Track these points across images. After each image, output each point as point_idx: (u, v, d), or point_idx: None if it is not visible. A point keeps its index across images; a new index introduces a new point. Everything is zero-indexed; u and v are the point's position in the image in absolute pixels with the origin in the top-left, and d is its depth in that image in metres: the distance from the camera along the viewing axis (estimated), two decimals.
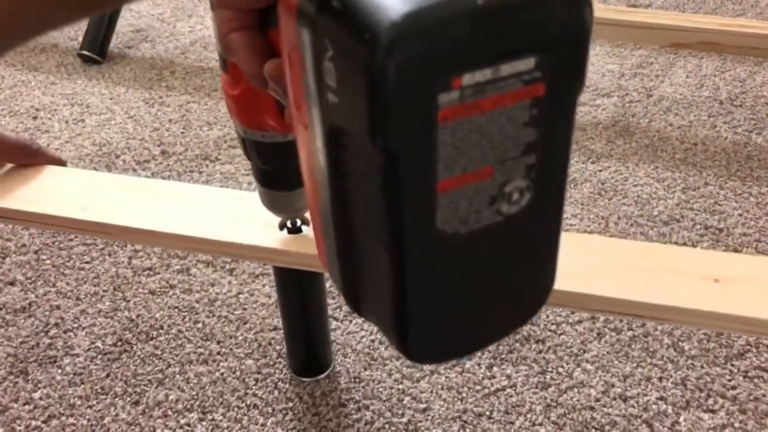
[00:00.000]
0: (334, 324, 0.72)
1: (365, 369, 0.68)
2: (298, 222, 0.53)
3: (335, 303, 0.74)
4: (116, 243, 0.81)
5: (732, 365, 0.67)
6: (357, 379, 0.67)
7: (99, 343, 0.70)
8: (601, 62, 1.15)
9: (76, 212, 0.54)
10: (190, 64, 1.16)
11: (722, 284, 0.46)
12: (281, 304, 0.63)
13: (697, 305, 0.45)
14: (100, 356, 0.69)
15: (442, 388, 0.66)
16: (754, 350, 0.69)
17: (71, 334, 0.71)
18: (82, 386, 0.66)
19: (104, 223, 0.53)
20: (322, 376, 0.67)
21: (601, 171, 0.92)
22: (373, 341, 0.70)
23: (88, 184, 0.57)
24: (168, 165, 0.94)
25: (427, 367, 0.68)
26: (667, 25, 1.01)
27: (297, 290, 0.61)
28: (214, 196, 0.56)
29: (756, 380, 0.66)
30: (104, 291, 0.76)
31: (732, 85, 1.09)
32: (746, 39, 0.98)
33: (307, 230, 0.53)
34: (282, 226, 0.53)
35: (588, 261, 0.49)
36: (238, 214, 0.54)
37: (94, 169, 0.95)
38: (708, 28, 1.00)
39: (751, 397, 0.64)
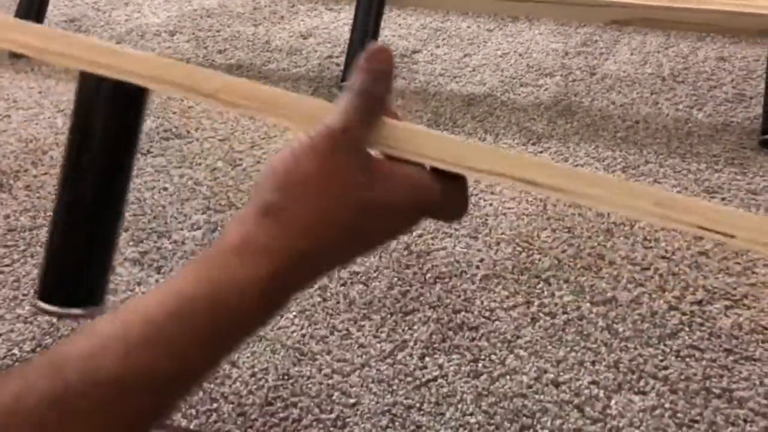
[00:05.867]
0: None
1: (294, 365, 0.66)
2: None
3: None
4: (39, 244, 0.78)
5: (665, 345, 0.67)
6: (285, 376, 0.65)
7: (16, 350, 0.67)
8: (546, 41, 1.14)
9: None
10: None
11: None
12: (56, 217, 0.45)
13: None
14: (16, 364, 0.66)
15: (373, 382, 0.64)
16: (687, 329, 0.68)
17: None
18: None
19: None
20: (88, 308, 0.45)
21: (541, 152, 0.91)
22: (303, 336, 0.69)
23: None
24: None
25: (358, 360, 0.66)
26: (608, 1, 1.00)
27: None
28: None
29: (688, 359, 0.65)
30: (24, 295, 0.73)
31: (675, 62, 1.08)
32: (687, 14, 0.98)
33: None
34: None
35: None
36: None
37: (19, 166, 0.91)
38: (649, 4, 0.99)
39: (682, 377, 0.64)
